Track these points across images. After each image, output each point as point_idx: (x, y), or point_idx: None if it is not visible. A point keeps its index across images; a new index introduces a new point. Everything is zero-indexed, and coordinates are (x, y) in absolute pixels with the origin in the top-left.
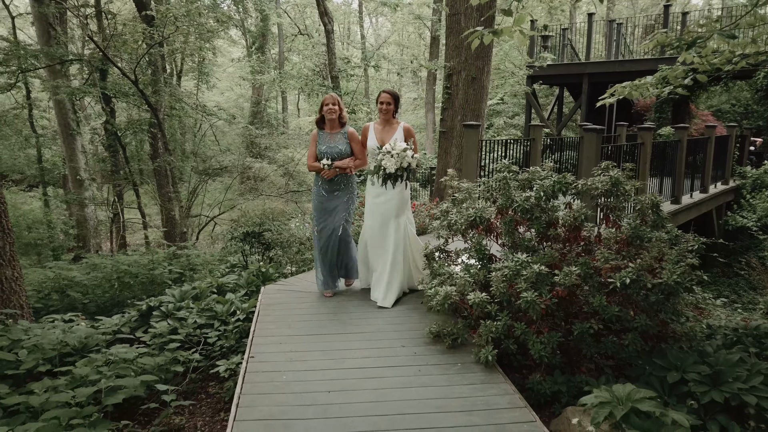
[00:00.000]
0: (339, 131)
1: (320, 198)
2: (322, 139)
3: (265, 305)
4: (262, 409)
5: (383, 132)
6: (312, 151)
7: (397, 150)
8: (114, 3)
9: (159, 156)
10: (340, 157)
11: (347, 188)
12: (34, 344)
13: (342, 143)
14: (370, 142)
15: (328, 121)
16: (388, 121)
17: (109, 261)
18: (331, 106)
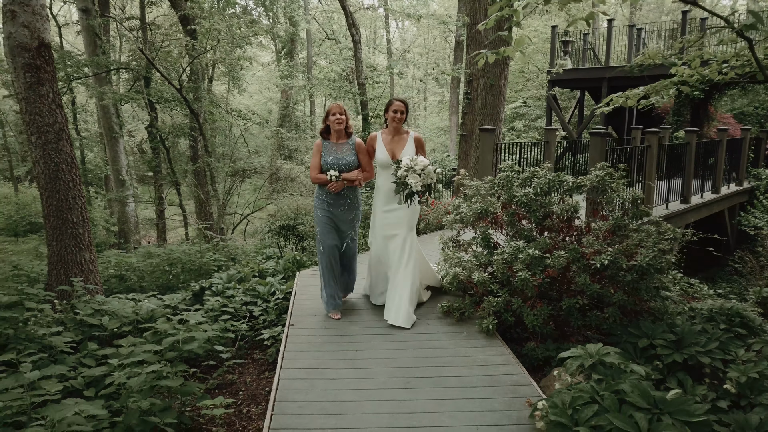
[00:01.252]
0: (345, 141)
1: (325, 212)
2: (327, 150)
3: (301, 286)
4: (302, 361)
5: (393, 142)
6: (316, 162)
7: (420, 166)
8: (155, 12)
9: (198, 157)
10: (347, 169)
11: (354, 201)
12: (113, 312)
13: (349, 154)
14: (380, 153)
15: (334, 131)
16: (397, 131)
17: (162, 250)
18: (339, 116)
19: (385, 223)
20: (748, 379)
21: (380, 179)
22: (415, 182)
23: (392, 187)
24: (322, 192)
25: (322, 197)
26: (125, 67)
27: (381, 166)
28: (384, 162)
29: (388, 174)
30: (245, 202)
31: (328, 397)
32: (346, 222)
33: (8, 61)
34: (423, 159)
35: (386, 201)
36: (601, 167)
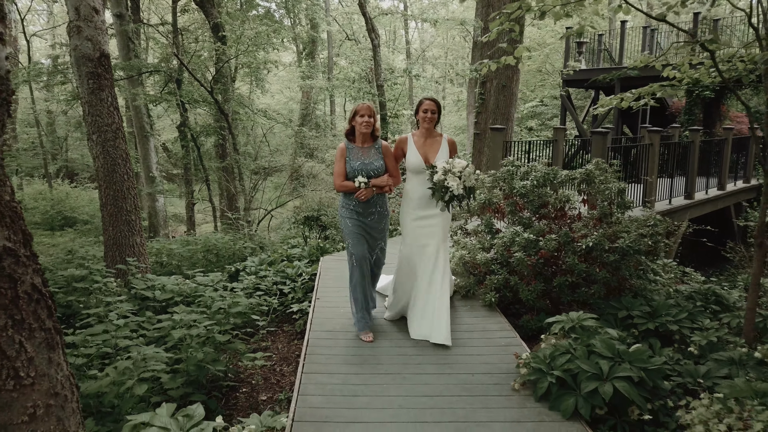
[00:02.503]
0: (371, 145)
1: (354, 221)
2: (353, 154)
3: (324, 269)
4: (327, 326)
5: (425, 145)
6: (341, 168)
7: (458, 168)
8: (186, 18)
9: (227, 155)
10: (376, 175)
11: (384, 209)
12: (162, 286)
13: (377, 158)
14: (412, 157)
15: (360, 134)
16: (429, 133)
17: (198, 238)
18: (367, 119)
19: (416, 232)
20: (708, 342)
21: (410, 185)
22: (456, 185)
23: (424, 193)
24: (349, 200)
25: (350, 206)
26: (158, 69)
27: (412, 171)
28: (417, 166)
29: (419, 179)
30: (268, 198)
31: (349, 352)
32: (378, 231)
33: (73, 69)
34: (460, 160)
35: (417, 208)
36: (595, 163)
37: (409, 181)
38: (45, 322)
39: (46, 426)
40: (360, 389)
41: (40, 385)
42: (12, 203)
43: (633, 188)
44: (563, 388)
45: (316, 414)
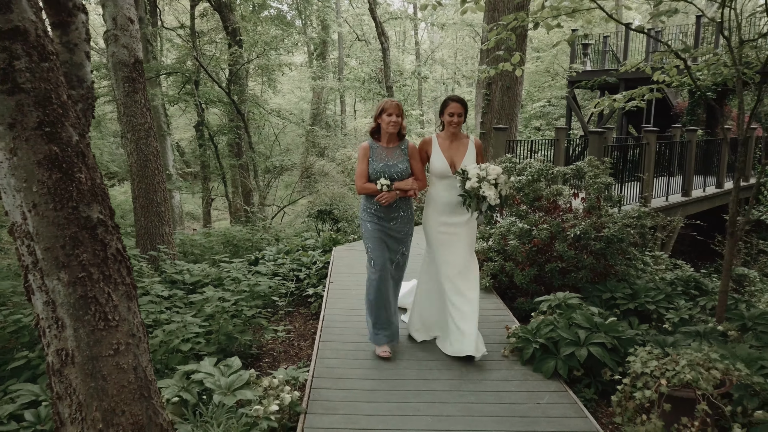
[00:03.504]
0: (397, 145)
1: (376, 226)
2: (376, 155)
3: (337, 257)
4: (340, 305)
5: (451, 149)
6: (363, 169)
7: (493, 175)
8: (202, 22)
9: (242, 153)
10: (400, 177)
11: (407, 213)
12: (190, 270)
13: (402, 160)
14: (437, 161)
15: (386, 133)
16: (456, 136)
17: (219, 231)
18: (395, 118)
19: (441, 240)
20: (681, 319)
21: (435, 190)
22: (493, 195)
23: (450, 199)
24: (370, 204)
25: (371, 210)
26: (177, 71)
27: (437, 176)
28: (442, 171)
29: (445, 184)
30: (280, 196)
31: (360, 325)
32: (400, 237)
33: (111, 74)
34: (494, 167)
35: (443, 215)
36: (588, 160)
37: (433, 186)
38: (125, 278)
39: (125, 359)
40: (369, 354)
41: (122, 327)
42: (102, 185)
43: (633, 185)
44: (546, 353)
45: (331, 372)
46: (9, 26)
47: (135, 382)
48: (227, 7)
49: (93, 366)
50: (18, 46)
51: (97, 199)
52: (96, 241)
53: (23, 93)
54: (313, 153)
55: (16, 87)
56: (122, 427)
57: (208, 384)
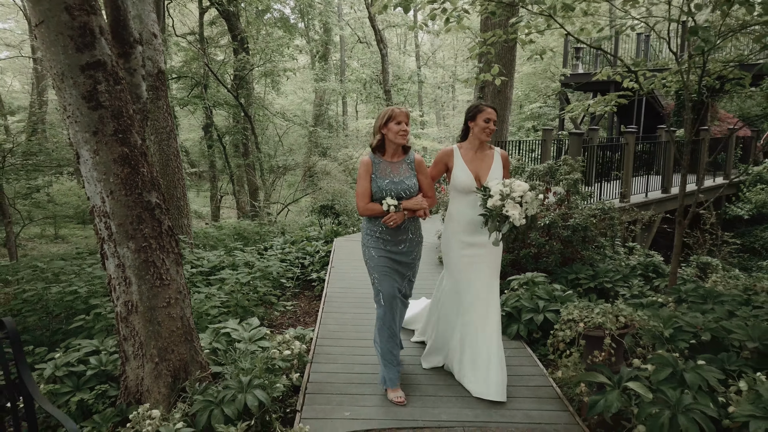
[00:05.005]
0: (402, 159)
1: (382, 252)
2: (380, 171)
3: (338, 247)
4: (340, 284)
5: (476, 161)
6: (366, 188)
7: (519, 192)
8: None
9: (249, 153)
10: (408, 195)
11: (417, 235)
12: (206, 257)
13: (409, 176)
14: (461, 174)
15: (393, 145)
16: (482, 146)
17: (230, 224)
18: (405, 127)
19: (463, 262)
20: (632, 295)
21: (457, 206)
22: (518, 214)
23: (474, 217)
24: (374, 226)
25: (376, 233)
26: (186, 75)
27: (461, 191)
28: (467, 186)
29: (469, 201)
30: (284, 195)
31: (358, 297)
32: (408, 261)
33: None
34: (520, 183)
35: (465, 234)
36: (563, 159)
37: (454, 202)
38: (174, 248)
39: (174, 310)
40: (363, 322)
41: (172, 286)
42: (157, 177)
43: (617, 183)
44: (510, 320)
45: (332, 334)
46: (93, 60)
47: (181, 329)
48: (234, 15)
49: (151, 314)
50: (99, 74)
51: (155, 187)
52: (154, 219)
53: (103, 109)
54: (315, 153)
55: (99, 104)
56: (172, 363)
57: (234, 336)
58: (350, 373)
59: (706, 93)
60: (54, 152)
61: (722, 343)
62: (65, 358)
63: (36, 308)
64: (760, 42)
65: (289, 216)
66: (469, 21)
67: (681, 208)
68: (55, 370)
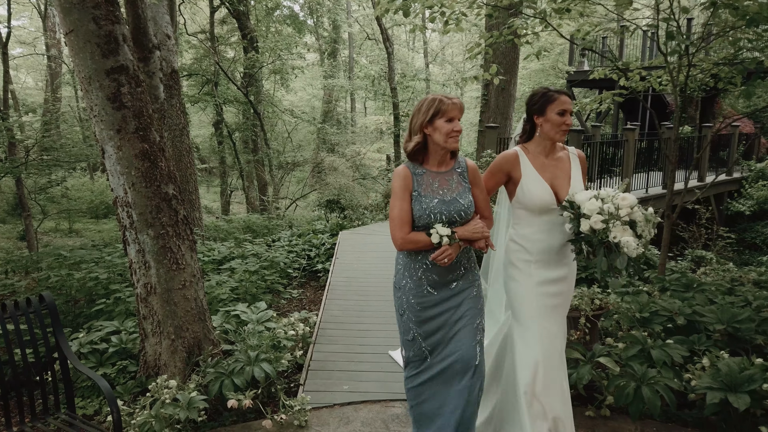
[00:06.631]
0: (452, 168)
1: (423, 299)
2: (424, 186)
3: (343, 239)
4: (344, 275)
5: (549, 165)
6: (405, 210)
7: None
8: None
9: (258, 150)
10: (463, 220)
11: (469, 272)
12: (217, 249)
13: (463, 191)
14: (535, 188)
15: (440, 149)
16: (554, 148)
17: (240, 218)
18: (458, 126)
19: (545, 307)
20: (623, 285)
21: (527, 230)
22: (634, 244)
23: (553, 244)
24: (415, 263)
25: (418, 272)
26: (198, 73)
27: (535, 210)
28: (545, 203)
29: (545, 222)
30: (292, 191)
31: (359, 287)
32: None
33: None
34: (625, 195)
35: (543, 268)
36: None
37: (523, 224)
38: (189, 236)
39: (189, 292)
40: (365, 308)
41: (187, 270)
42: (173, 171)
43: (618, 179)
44: None
45: (334, 318)
46: (117, 64)
47: (195, 309)
48: (244, 14)
49: (168, 296)
50: (122, 78)
51: (172, 180)
52: (171, 209)
53: (126, 109)
54: (323, 149)
55: (122, 105)
56: (186, 340)
57: (244, 317)
58: (350, 353)
59: (697, 91)
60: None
61: (696, 327)
62: (89, 337)
63: (61, 293)
64: (735, 45)
65: (297, 211)
66: (475, 20)
67: (669, 203)
68: (80, 348)
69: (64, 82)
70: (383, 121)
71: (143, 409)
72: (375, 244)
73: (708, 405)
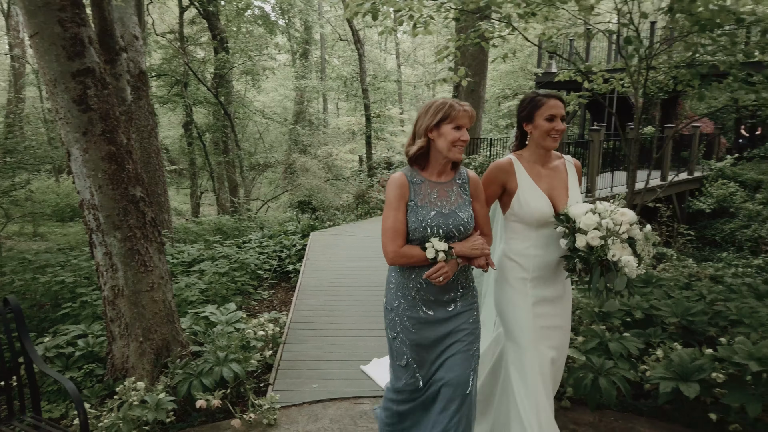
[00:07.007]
0: (452, 179)
1: (419, 320)
2: (422, 196)
3: (314, 240)
4: (314, 275)
5: (546, 175)
6: (400, 221)
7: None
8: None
9: (229, 151)
10: (463, 235)
11: (468, 293)
12: (187, 251)
13: (463, 204)
14: (533, 199)
15: (443, 157)
16: (548, 156)
17: (210, 220)
18: (466, 135)
19: (538, 324)
20: None
21: (520, 244)
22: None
23: (549, 261)
24: (409, 281)
25: (410, 293)
26: (167, 74)
27: (533, 223)
28: (543, 216)
29: (541, 236)
30: (264, 192)
31: (330, 287)
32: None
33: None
34: (623, 210)
35: (539, 286)
36: None
37: (518, 239)
38: (157, 238)
39: (157, 294)
40: (335, 308)
41: (155, 272)
42: (141, 173)
43: (583, 179)
44: None
45: (304, 318)
46: (83, 67)
47: (164, 311)
48: (214, 15)
49: (136, 298)
50: (88, 80)
51: (139, 182)
52: (139, 211)
53: (92, 111)
54: (295, 150)
55: (88, 107)
56: (155, 342)
57: (213, 319)
58: (320, 352)
59: (657, 93)
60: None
61: (653, 321)
62: (55, 341)
63: (26, 297)
64: (690, 49)
65: (269, 212)
66: (445, 23)
67: (629, 201)
68: (46, 352)
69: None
70: (355, 122)
71: (110, 412)
72: (346, 245)
73: (661, 394)
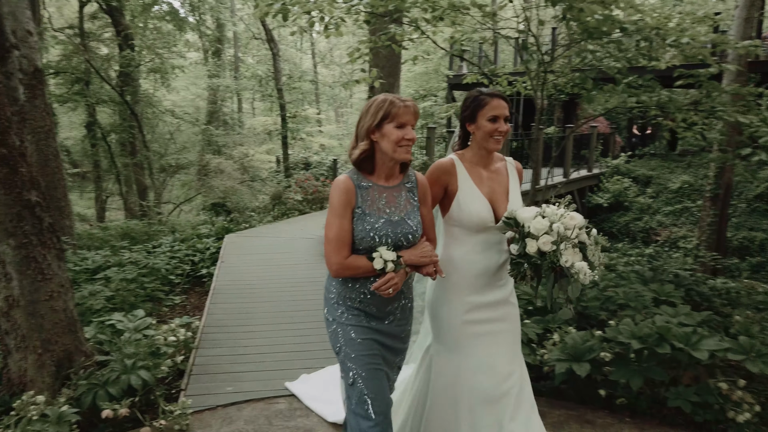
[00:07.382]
0: (400, 182)
1: (365, 330)
2: (369, 202)
3: (228, 243)
4: (229, 277)
5: (486, 177)
6: (344, 229)
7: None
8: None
9: (137, 152)
10: (410, 243)
11: (408, 300)
12: (92, 258)
13: (412, 210)
14: (472, 202)
15: (389, 160)
16: (490, 158)
17: (117, 224)
18: (411, 133)
19: (472, 335)
20: None
21: (461, 250)
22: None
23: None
24: (351, 292)
25: (354, 301)
26: (66, 71)
27: (472, 227)
28: (483, 220)
29: (480, 241)
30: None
31: (245, 289)
32: (399, 341)
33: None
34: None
35: (474, 292)
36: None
37: (456, 244)
38: (56, 244)
39: (57, 303)
40: (250, 310)
41: (54, 280)
42: (36, 177)
43: None
44: None
45: (218, 322)
46: None
47: (65, 320)
48: (118, 10)
49: (33, 308)
50: None
51: (34, 186)
52: (35, 217)
53: None
54: (209, 151)
55: None
56: (55, 353)
57: (120, 327)
58: (234, 355)
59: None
60: None
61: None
62: None
63: None
64: (580, 55)
65: (181, 215)
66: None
67: (532, 198)
68: None
69: None
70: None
71: (7, 429)
72: (262, 246)
73: (557, 375)
